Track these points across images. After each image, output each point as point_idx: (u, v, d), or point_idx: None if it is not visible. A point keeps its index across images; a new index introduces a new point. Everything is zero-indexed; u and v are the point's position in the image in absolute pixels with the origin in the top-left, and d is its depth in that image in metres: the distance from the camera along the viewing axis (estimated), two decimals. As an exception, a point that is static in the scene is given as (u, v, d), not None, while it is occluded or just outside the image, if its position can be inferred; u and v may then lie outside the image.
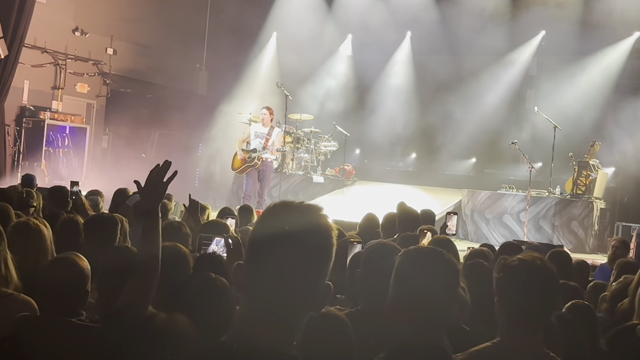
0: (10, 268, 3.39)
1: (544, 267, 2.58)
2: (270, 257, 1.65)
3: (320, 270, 1.69)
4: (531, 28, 15.36)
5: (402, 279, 2.42)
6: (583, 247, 11.80)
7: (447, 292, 2.43)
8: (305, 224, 1.67)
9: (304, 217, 1.68)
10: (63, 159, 14.43)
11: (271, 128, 12.01)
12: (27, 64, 13.68)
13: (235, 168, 12.34)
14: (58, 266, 3.30)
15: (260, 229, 1.71)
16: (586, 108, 14.12)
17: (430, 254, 2.53)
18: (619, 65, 14.57)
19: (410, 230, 5.89)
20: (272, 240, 1.66)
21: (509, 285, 2.57)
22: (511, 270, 2.57)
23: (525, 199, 12.09)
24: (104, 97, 16.13)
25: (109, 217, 4.65)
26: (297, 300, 1.66)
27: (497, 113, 15.55)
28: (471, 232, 12.80)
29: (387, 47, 16.99)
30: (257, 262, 1.68)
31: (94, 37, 15.27)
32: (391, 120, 17.36)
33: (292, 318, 1.68)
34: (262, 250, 1.67)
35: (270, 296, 1.65)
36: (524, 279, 2.55)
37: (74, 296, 3.21)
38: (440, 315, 2.42)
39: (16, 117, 13.95)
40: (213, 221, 4.48)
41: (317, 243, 1.67)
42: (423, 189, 14.17)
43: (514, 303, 2.55)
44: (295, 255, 1.64)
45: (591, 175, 12.22)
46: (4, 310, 3.26)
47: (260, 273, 1.66)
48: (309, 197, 13.80)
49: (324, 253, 1.69)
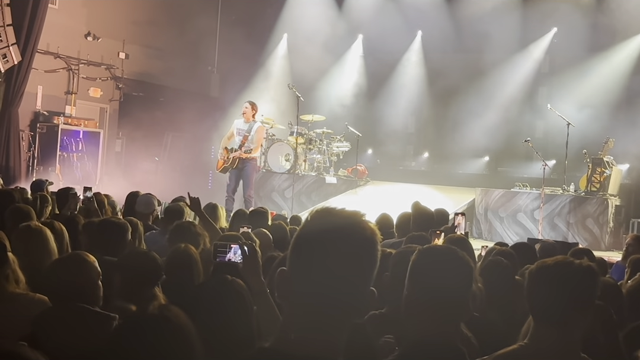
0: (16, 269, 3.42)
1: (571, 265, 2.54)
2: (316, 259, 1.63)
3: (365, 274, 1.67)
4: (543, 25, 15.30)
5: (416, 277, 2.42)
6: (598, 245, 11.72)
7: (462, 290, 2.42)
8: (352, 228, 1.65)
9: (350, 221, 1.67)
10: (77, 163, 14.52)
11: (252, 123, 11.74)
12: (40, 69, 13.77)
13: (217, 168, 12.10)
14: (66, 264, 3.31)
15: (305, 233, 1.68)
16: (599, 104, 14.05)
17: (444, 252, 2.53)
18: (631, 61, 14.49)
19: (425, 229, 5.88)
20: (318, 242, 1.64)
21: (534, 285, 2.54)
22: (539, 269, 2.55)
23: (539, 197, 12.03)
24: (117, 101, 16.22)
25: (115, 223, 4.62)
26: (341, 305, 1.63)
27: (510, 111, 15.51)
28: (485, 230, 12.76)
29: (398, 47, 16.97)
30: (301, 266, 1.65)
31: (106, 42, 15.36)
32: (403, 120, 17.36)
33: (336, 324, 1.64)
34: (308, 253, 1.65)
35: (315, 301, 1.62)
36: (549, 278, 2.52)
37: (86, 291, 3.22)
38: (455, 313, 2.41)
39: (30, 123, 14.05)
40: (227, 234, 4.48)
41: (364, 246, 1.66)
42: (436, 188, 14.14)
43: (538, 303, 2.53)
44: (341, 258, 1.62)
45: (605, 172, 12.16)
46: (22, 309, 3.28)
47: (305, 277, 1.64)
48: (322, 198, 13.82)
49: (370, 257, 1.67)
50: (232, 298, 2.87)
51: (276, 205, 13.62)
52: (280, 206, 13.55)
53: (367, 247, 1.66)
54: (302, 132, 14.22)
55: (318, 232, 1.65)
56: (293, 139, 14.09)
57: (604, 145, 12.42)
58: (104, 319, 3.10)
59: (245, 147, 11.55)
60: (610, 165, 12.25)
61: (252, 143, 11.64)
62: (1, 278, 3.33)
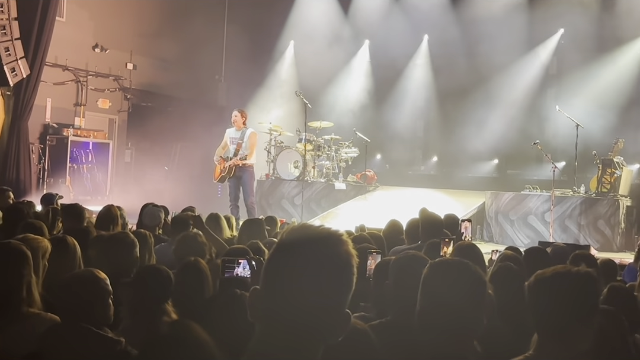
0: (33, 291, 3.43)
1: (568, 275, 2.53)
2: (290, 276, 1.60)
3: (340, 294, 1.64)
4: (549, 27, 15.26)
5: (429, 291, 2.42)
6: (610, 246, 11.67)
7: (475, 304, 2.42)
8: (327, 245, 1.62)
9: (325, 238, 1.64)
10: (87, 174, 14.58)
11: (244, 130, 11.70)
12: (49, 82, 13.85)
13: (215, 178, 12.03)
14: (77, 282, 3.33)
15: (279, 251, 1.66)
16: (608, 105, 13.99)
17: (456, 266, 2.52)
18: (639, 61, 14.41)
19: (434, 236, 5.86)
20: (292, 259, 1.61)
21: (533, 297, 2.54)
22: (536, 281, 2.54)
23: (550, 199, 11.99)
24: (126, 112, 16.30)
25: (121, 238, 4.63)
26: (315, 324, 1.60)
27: (518, 113, 15.45)
28: (496, 234, 12.72)
29: (405, 51, 16.95)
30: (274, 284, 1.63)
31: (114, 53, 15.44)
32: (411, 124, 17.35)
33: (309, 345, 1.61)
34: (281, 270, 1.62)
35: (288, 320, 1.60)
36: (547, 289, 2.51)
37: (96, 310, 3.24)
38: (469, 327, 2.41)
39: (40, 135, 14.13)
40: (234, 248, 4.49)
41: (339, 264, 1.62)
42: (446, 192, 14.10)
43: (539, 314, 2.52)
44: (315, 275, 1.59)
45: (616, 173, 12.10)
46: (33, 329, 3.30)
47: (277, 295, 1.61)
48: (332, 204, 13.82)
49: (345, 275, 1.64)
50: (242, 312, 2.87)
51: (286, 212, 13.63)
52: (290, 213, 13.56)
53: (342, 265, 1.63)
54: (310, 138, 14.23)
55: (292, 250, 1.62)
56: (301, 146, 14.11)
57: (613, 146, 12.37)
58: (109, 342, 3.11)
59: (240, 154, 11.56)
60: (620, 166, 12.19)
61: (247, 149, 11.61)
62: (16, 299, 3.35)
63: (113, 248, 4.40)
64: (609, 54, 14.54)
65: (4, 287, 3.34)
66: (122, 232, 4.84)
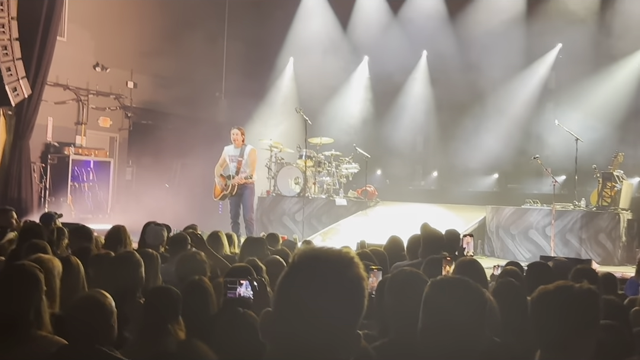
0: (42, 314, 3.45)
1: (571, 290, 2.56)
2: (303, 298, 1.62)
3: (352, 315, 1.66)
4: (547, 41, 15.34)
5: (431, 309, 2.45)
6: (612, 260, 11.67)
7: (476, 322, 2.45)
8: (340, 267, 1.65)
9: (338, 260, 1.66)
10: (88, 193, 14.62)
11: (243, 147, 11.61)
12: (50, 101, 13.92)
13: (215, 196, 11.90)
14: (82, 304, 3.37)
15: (291, 273, 1.68)
16: (607, 119, 14.03)
17: (457, 284, 2.55)
18: (637, 74, 14.47)
19: (436, 251, 5.87)
20: (305, 281, 1.64)
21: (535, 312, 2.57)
22: (539, 296, 2.58)
23: (551, 213, 12.00)
24: (126, 130, 16.36)
25: (127, 257, 4.64)
26: (326, 346, 1.62)
27: (518, 127, 15.49)
28: (497, 248, 12.72)
29: (404, 67, 17.02)
30: (287, 305, 1.65)
31: (115, 72, 15.52)
32: (411, 140, 17.39)
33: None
34: (294, 292, 1.64)
35: (299, 342, 1.61)
36: (549, 304, 2.55)
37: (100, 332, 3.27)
38: (471, 345, 2.44)
39: (41, 154, 14.18)
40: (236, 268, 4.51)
41: (351, 285, 1.65)
42: (446, 207, 14.12)
43: (541, 329, 2.55)
44: (328, 296, 1.62)
45: (616, 187, 12.11)
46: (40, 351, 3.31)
47: (290, 317, 1.63)
48: (333, 220, 13.83)
49: (357, 297, 1.66)
50: (246, 331, 2.90)
51: (287, 229, 13.64)
52: (292, 230, 13.57)
53: (354, 287, 1.66)
54: (310, 155, 14.28)
55: (304, 272, 1.65)
56: (302, 162, 14.14)
57: (613, 160, 12.39)
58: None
59: (243, 173, 11.47)
60: (620, 180, 12.20)
61: (248, 167, 11.54)
62: (26, 320, 3.37)
63: (119, 267, 4.41)
64: (606, 68, 14.60)
65: (15, 309, 3.36)
66: (128, 251, 4.84)
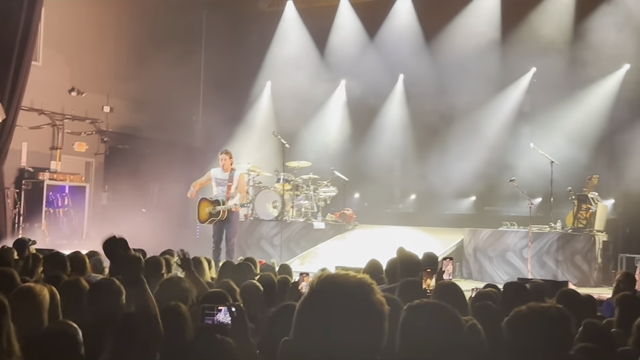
0: (12, 341, 3.38)
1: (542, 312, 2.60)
2: (325, 326, 1.61)
3: (372, 339, 1.65)
4: (522, 65, 15.53)
5: (407, 335, 2.44)
6: (588, 281, 11.76)
7: (452, 345, 2.45)
8: (361, 295, 1.64)
9: (359, 288, 1.66)
10: (63, 218, 14.45)
11: (232, 172, 11.49)
12: (24, 126, 13.76)
13: (201, 220, 11.67)
14: (50, 336, 3.33)
15: (312, 301, 1.67)
16: (582, 141, 14.19)
17: (432, 309, 2.56)
18: (611, 97, 14.67)
19: (413, 274, 5.87)
20: (326, 310, 1.62)
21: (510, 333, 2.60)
22: (513, 318, 2.61)
23: (527, 235, 12.07)
24: (102, 155, 16.23)
25: (108, 284, 4.53)
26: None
27: (494, 150, 15.59)
28: (475, 271, 12.76)
29: (381, 91, 17.14)
30: (309, 334, 1.63)
31: (90, 96, 15.43)
32: (389, 163, 17.45)
33: None
34: (315, 320, 1.63)
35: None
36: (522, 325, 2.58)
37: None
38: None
39: (15, 180, 13.99)
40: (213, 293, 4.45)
41: (373, 313, 1.65)
42: (424, 230, 14.16)
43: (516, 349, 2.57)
44: (350, 324, 1.61)
45: (591, 209, 12.23)
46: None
47: (310, 344, 1.61)
48: (311, 243, 13.80)
49: (379, 323, 1.65)
50: (222, 357, 2.86)
51: (265, 253, 13.57)
52: (269, 254, 13.49)
53: (376, 313, 1.65)
54: (288, 178, 14.28)
55: (325, 299, 1.64)
56: (280, 186, 14.13)
57: (588, 182, 12.53)
58: None
59: (235, 199, 11.36)
60: (595, 202, 12.33)
61: (238, 192, 11.46)
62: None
63: (98, 295, 4.33)
64: (580, 91, 14.80)
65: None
66: (108, 278, 4.75)
